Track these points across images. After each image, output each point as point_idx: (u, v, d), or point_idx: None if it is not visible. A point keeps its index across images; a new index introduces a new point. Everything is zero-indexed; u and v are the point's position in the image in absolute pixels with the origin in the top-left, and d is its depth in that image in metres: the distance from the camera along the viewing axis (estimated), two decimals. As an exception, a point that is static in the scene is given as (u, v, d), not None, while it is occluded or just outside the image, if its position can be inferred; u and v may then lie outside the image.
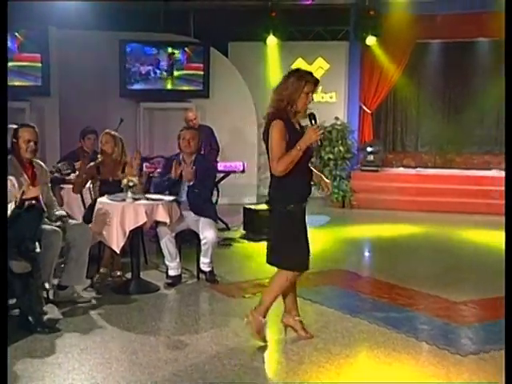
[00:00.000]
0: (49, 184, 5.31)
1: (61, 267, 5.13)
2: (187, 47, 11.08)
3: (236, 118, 11.24)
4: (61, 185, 6.67)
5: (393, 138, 13.36)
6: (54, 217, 5.08)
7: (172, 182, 5.90)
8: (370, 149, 11.87)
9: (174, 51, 10.99)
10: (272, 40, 11.67)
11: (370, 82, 12.20)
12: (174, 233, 5.82)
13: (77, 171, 6.70)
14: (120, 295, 5.47)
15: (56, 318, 4.77)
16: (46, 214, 4.96)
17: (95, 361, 3.99)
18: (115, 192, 5.74)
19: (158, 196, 5.78)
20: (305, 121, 4.22)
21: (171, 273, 5.84)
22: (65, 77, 9.90)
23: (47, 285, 4.98)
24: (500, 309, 5.20)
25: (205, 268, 5.90)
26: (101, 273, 5.83)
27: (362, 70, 12.14)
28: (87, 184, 6.15)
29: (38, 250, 4.50)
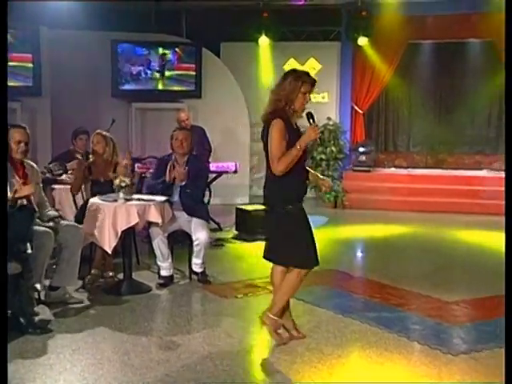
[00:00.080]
0: (40, 184, 5.29)
1: (52, 268, 5.11)
2: (178, 47, 11.06)
3: (228, 119, 11.24)
4: (52, 185, 6.65)
5: (385, 139, 13.38)
6: (46, 217, 5.06)
7: (166, 186, 5.89)
8: (362, 149, 11.89)
9: (165, 51, 10.98)
10: (264, 40, 11.68)
11: (362, 83, 12.23)
12: (167, 233, 5.81)
13: (70, 171, 6.69)
14: (112, 296, 5.45)
15: (47, 319, 4.74)
16: (38, 215, 4.94)
17: (87, 362, 3.98)
18: (107, 192, 5.73)
19: (150, 196, 5.77)
20: (299, 121, 4.25)
21: (163, 273, 5.83)
22: (56, 77, 9.86)
23: (39, 286, 4.96)
24: (492, 308, 5.27)
25: (197, 269, 5.89)
26: (92, 274, 5.81)
27: (354, 71, 12.17)
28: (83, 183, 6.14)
29: (30, 251, 4.47)
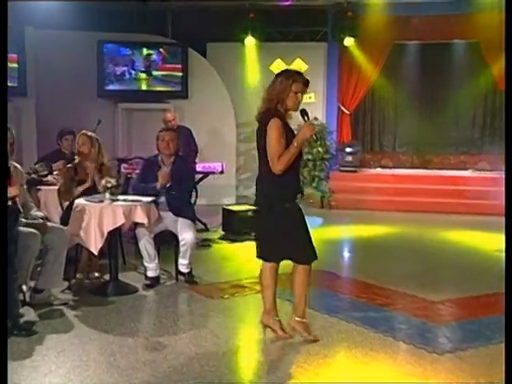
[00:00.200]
0: (25, 186, 5.25)
1: (37, 270, 5.08)
2: (162, 48, 11.04)
3: (214, 119, 11.24)
4: (38, 186, 6.61)
5: (371, 139, 13.42)
6: (30, 217, 5.03)
7: (156, 192, 5.87)
8: (349, 149, 11.93)
9: (150, 52, 10.95)
10: (250, 41, 11.69)
11: (348, 83, 12.27)
12: (153, 234, 5.79)
13: (56, 172, 6.64)
14: (98, 297, 5.42)
15: (33, 321, 4.71)
16: (23, 215, 4.91)
17: (72, 363, 3.96)
18: (92, 193, 5.71)
19: (136, 197, 5.75)
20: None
21: (150, 274, 5.81)
22: (42, 77, 9.81)
23: (24, 287, 4.94)
24: (477, 308, 5.31)
25: (183, 269, 5.88)
26: (77, 278, 5.78)
27: (341, 71, 12.21)
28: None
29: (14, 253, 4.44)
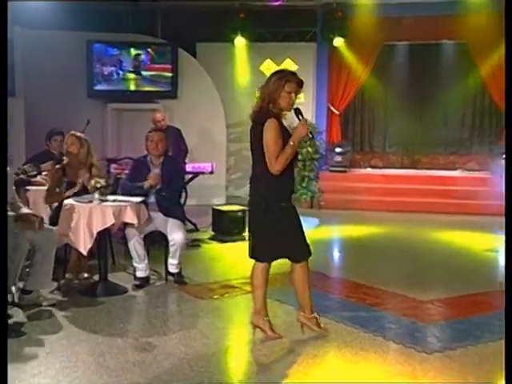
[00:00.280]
0: (13, 186, 5.22)
1: (26, 271, 5.06)
2: (150, 48, 11.01)
3: (204, 119, 11.22)
4: (26, 186, 6.58)
5: (360, 139, 13.45)
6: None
7: (144, 192, 5.86)
8: (339, 149, 11.95)
9: (137, 52, 10.93)
10: (240, 41, 11.69)
11: (338, 83, 12.29)
12: (143, 234, 5.78)
13: (44, 172, 6.62)
14: (87, 297, 5.40)
15: (21, 322, 4.69)
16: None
17: (61, 364, 3.94)
18: (82, 194, 5.69)
19: (126, 197, 5.73)
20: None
21: (139, 274, 5.80)
22: (30, 77, 9.76)
23: (13, 288, 4.92)
24: (466, 307, 5.33)
25: (173, 269, 5.87)
26: (66, 278, 5.76)
27: (330, 71, 12.23)
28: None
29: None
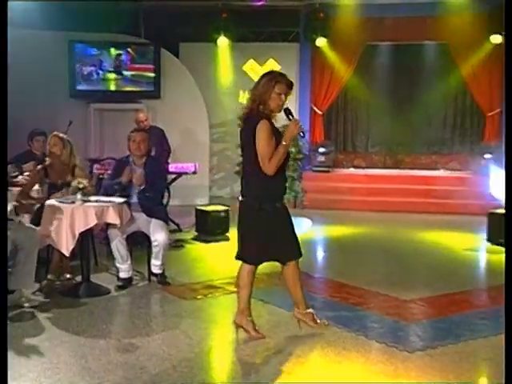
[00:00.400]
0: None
1: (8, 270, 5.02)
2: (130, 48, 10.98)
3: (187, 119, 11.22)
4: (8, 187, 6.52)
5: (343, 139, 13.50)
6: None
7: (123, 187, 5.84)
8: (322, 149, 12.00)
9: (118, 52, 10.89)
10: (223, 41, 11.71)
11: (321, 84, 12.35)
12: (125, 235, 5.76)
13: (26, 173, 6.57)
14: (69, 299, 5.37)
15: (3, 324, 4.66)
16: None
17: (43, 366, 3.91)
18: (64, 195, 5.66)
19: (109, 198, 5.71)
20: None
21: (122, 275, 5.78)
22: (12, 77, 9.65)
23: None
24: (447, 306, 5.37)
25: (156, 270, 5.86)
26: (48, 279, 5.72)
27: (313, 72, 12.29)
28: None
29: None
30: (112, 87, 10.97)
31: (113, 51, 10.90)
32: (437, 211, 10.35)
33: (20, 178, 6.66)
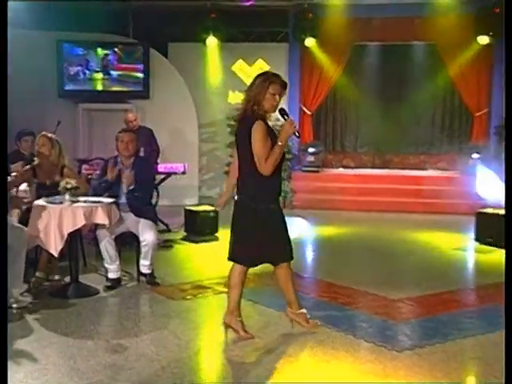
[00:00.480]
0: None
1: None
2: (117, 47, 10.95)
3: (176, 119, 11.21)
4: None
5: (332, 139, 13.53)
6: None
7: (109, 185, 5.83)
8: (311, 150, 12.01)
9: (104, 52, 10.86)
10: (212, 41, 11.71)
11: (310, 84, 12.36)
12: (114, 235, 5.74)
13: (14, 173, 6.53)
14: (58, 299, 5.35)
15: (-9, 325, 4.64)
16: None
17: (31, 367, 3.90)
18: (53, 196, 5.64)
19: (97, 198, 5.70)
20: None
21: (111, 276, 5.76)
22: (-1, 77, 9.64)
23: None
24: (435, 305, 5.40)
25: (145, 270, 5.85)
26: (37, 277, 5.70)
27: (302, 72, 12.30)
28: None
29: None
30: (99, 87, 10.94)
31: (99, 51, 10.87)
32: (425, 211, 10.40)
33: (8, 179, 6.61)
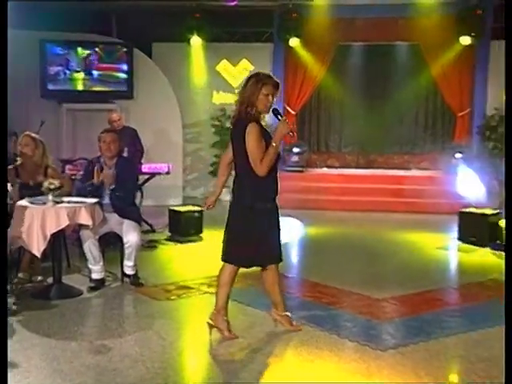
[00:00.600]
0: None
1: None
2: (97, 47, 10.89)
3: (161, 119, 11.17)
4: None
5: (317, 139, 13.55)
6: None
7: (95, 188, 5.80)
8: (296, 150, 12.03)
9: (85, 51, 10.79)
10: (196, 41, 11.70)
11: (294, 83, 12.37)
12: (97, 236, 5.72)
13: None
14: (40, 301, 5.32)
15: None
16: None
17: (13, 370, 3.85)
18: (36, 196, 5.60)
19: (81, 199, 5.66)
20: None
21: (94, 276, 5.74)
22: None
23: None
24: (419, 304, 5.43)
25: (129, 271, 5.83)
26: (20, 278, 5.66)
27: (286, 72, 12.31)
28: None
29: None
30: (79, 87, 10.86)
31: (80, 51, 10.79)
32: (409, 210, 10.43)
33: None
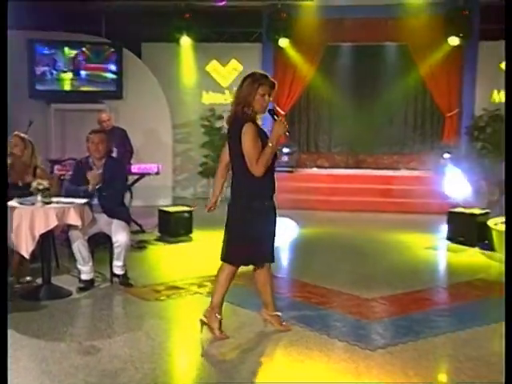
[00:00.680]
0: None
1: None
2: (85, 47, 10.84)
3: (150, 120, 11.15)
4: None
5: (307, 139, 13.57)
6: None
7: (89, 195, 5.78)
8: (286, 150, 12.03)
9: (71, 51, 10.74)
10: (185, 41, 11.68)
11: (283, 84, 12.34)
12: (87, 236, 5.70)
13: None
14: (30, 302, 5.30)
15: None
16: None
17: (2, 371, 3.85)
18: (25, 197, 5.57)
19: (70, 199, 5.64)
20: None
21: (84, 277, 5.72)
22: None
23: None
24: (408, 304, 5.45)
25: (118, 271, 5.82)
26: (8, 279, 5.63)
27: (275, 72, 12.26)
28: None
29: None
30: (67, 87, 10.81)
31: (67, 50, 10.73)
32: (398, 210, 10.46)
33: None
